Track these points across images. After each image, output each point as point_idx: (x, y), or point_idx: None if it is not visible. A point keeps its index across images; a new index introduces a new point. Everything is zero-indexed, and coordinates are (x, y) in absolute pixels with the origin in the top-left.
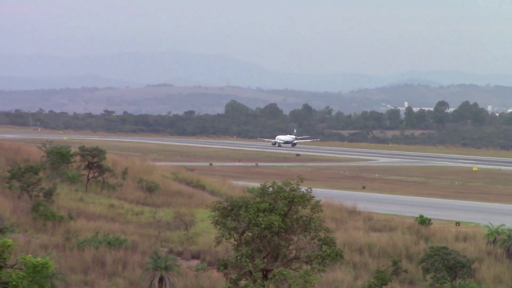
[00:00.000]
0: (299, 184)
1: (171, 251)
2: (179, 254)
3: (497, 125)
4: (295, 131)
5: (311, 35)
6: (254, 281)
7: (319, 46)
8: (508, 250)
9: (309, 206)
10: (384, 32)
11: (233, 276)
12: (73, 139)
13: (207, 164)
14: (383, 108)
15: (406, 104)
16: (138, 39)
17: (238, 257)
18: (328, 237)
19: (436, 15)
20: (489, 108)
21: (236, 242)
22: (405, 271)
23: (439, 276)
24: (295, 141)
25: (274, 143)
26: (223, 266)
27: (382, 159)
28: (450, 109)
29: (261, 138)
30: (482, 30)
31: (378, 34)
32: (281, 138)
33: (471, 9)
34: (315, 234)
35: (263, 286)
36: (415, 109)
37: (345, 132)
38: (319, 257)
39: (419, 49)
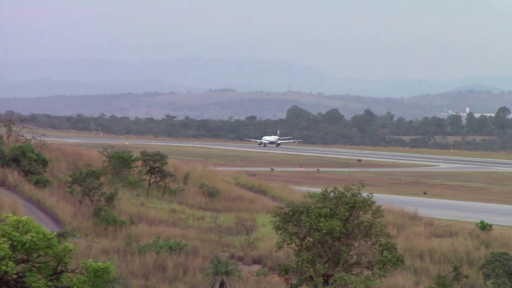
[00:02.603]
0: (360, 190)
1: (232, 256)
2: (240, 259)
3: None
4: (278, 132)
5: (373, 40)
6: (315, 286)
7: (381, 51)
8: None
9: (370, 212)
10: (447, 37)
11: (294, 281)
12: (135, 144)
13: (269, 169)
14: (444, 114)
15: (467, 110)
16: (200, 44)
17: (299, 262)
18: (389, 242)
19: (498, 20)
20: None
21: (297, 247)
22: (466, 276)
23: (499, 282)
24: (279, 142)
25: (260, 143)
26: (284, 271)
27: (443, 165)
28: None
29: (248, 139)
30: None
31: (440, 39)
32: (266, 138)
33: None
34: (376, 239)
35: None
36: (476, 115)
37: (406, 138)
38: (380, 262)
39: (481, 55)
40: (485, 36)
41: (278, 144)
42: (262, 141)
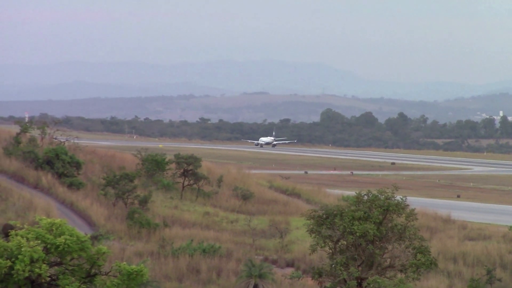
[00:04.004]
0: (394, 193)
1: (266, 259)
2: (274, 262)
3: None
4: (274, 133)
5: (407, 43)
6: None
7: (415, 54)
8: None
9: (404, 215)
10: (480, 40)
11: (328, 284)
12: (168, 147)
13: (302, 172)
14: (478, 117)
15: (501, 113)
16: (234, 47)
17: (333, 265)
18: (422, 245)
19: None
20: None
21: (330, 250)
22: (499, 280)
23: None
24: (275, 142)
25: (257, 144)
26: (317, 274)
27: (476, 168)
28: None
29: (245, 140)
30: None
31: (474, 42)
32: (263, 139)
33: None
34: (410, 242)
35: None
36: (510, 118)
37: (440, 141)
38: (413, 265)
39: None
40: None
41: (274, 145)
42: (258, 142)
